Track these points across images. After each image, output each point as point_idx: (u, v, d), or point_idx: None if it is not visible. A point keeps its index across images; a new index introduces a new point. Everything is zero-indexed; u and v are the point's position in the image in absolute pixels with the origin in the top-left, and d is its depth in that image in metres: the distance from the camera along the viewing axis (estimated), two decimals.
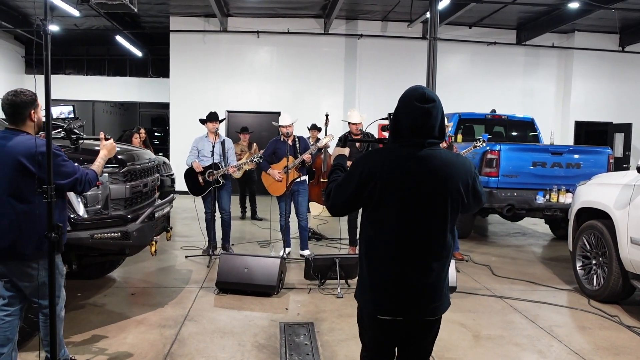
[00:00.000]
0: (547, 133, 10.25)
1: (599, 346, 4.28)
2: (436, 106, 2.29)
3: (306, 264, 5.72)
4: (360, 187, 2.29)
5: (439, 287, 2.35)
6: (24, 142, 3.06)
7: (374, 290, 2.35)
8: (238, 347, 4.08)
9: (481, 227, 10.11)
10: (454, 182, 2.29)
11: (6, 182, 3.03)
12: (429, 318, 2.36)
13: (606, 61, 14.98)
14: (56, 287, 3.06)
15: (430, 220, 2.29)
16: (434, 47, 9.33)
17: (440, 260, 2.33)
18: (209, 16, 13.95)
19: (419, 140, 2.28)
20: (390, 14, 13.78)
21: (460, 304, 5.27)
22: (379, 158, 2.32)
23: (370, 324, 2.41)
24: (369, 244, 2.39)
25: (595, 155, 8.02)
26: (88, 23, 14.83)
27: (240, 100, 14.39)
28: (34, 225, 3.03)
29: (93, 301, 5.12)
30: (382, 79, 14.47)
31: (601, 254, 5.44)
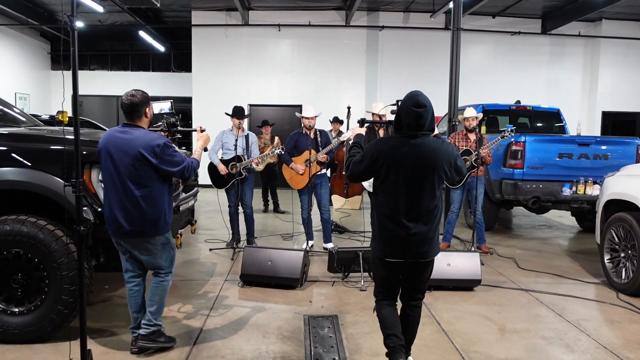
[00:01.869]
0: (573, 124, 10.08)
1: (629, 340, 4.20)
2: (427, 110, 3.14)
3: (329, 256, 5.73)
4: (371, 164, 3.21)
5: (430, 238, 3.23)
6: (143, 136, 3.54)
7: (382, 240, 3.26)
8: (262, 339, 4.10)
9: (506, 220, 10.00)
10: (440, 162, 3.17)
11: (128, 170, 3.50)
12: (422, 260, 3.25)
13: (634, 50, 14.64)
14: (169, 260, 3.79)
15: (422, 189, 3.16)
16: (458, 37, 9.19)
17: (430, 218, 3.21)
18: (230, 10, 13.99)
19: (413, 133, 3.16)
20: (412, 5, 13.66)
21: (485, 297, 5.23)
22: (385, 144, 3.25)
23: (380, 264, 3.33)
24: (377, 206, 3.30)
25: (624, 146, 7.85)
26: (112, 19, 15.02)
27: (262, 93, 14.43)
28: (152, 207, 3.57)
29: (120, 293, 5.19)
30: (404, 70, 14.38)
31: (630, 246, 5.33)
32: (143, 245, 3.65)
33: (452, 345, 4.06)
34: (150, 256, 3.70)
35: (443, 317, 4.65)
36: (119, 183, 3.52)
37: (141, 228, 3.57)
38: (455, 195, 7.01)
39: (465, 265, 5.40)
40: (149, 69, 17.49)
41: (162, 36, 16.57)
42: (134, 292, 3.81)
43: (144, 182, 3.53)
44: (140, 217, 3.54)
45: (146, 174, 3.53)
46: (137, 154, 3.47)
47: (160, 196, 3.61)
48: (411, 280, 3.36)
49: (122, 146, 3.51)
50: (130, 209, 3.52)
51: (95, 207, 3.84)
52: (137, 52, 17.39)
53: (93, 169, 3.89)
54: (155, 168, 3.53)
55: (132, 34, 16.01)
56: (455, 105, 9.26)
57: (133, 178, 3.51)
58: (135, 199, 3.51)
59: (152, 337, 3.78)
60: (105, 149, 3.57)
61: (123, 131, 3.60)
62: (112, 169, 3.53)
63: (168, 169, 3.56)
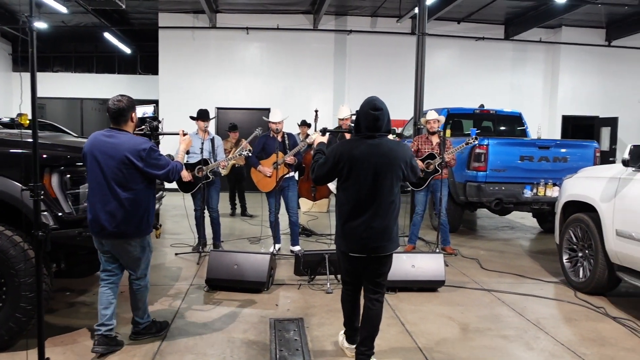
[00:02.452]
0: (534, 127, 10.32)
1: (585, 337, 4.34)
2: (383, 112, 3.42)
3: (296, 260, 5.75)
4: (334, 165, 3.45)
5: (388, 233, 3.46)
6: (129, 140, 3.66)
7: (344, 235, 3.49)
8: (227, 344, 4.09)
9: (470, 222, 10.18)
10: (397, 160, 3.43)
11: (114, 173, 3.60)
12: (381, 254, 3.48)
13: (593, 56, 15.09)
14: (146, 262, 3.94)
15: (381, 186, 3.40)
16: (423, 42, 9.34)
17: (388, 215, 3.44)
18: (198, 12, 13.88)
19: (372, 134, 3.42)
20: (380, 10, 13.79)
21: (449, 298, 5.32)
22: (346, 145, 3.48)
23: (344, 258, 3.59)
24: (341, 205, 3.53)
25: (582, 149, 8.09)
26: (76, 20, 14.72)
27: (230, 96, 14.36)
28: (136, 209, 3.69)
29: (82, 300, 5.11)
30: (372, 74, 14.50)
31: (587, 246, 5.50)
32: (123, 247, 3.77)
33: (416, 345, 4.13)
34: (129, 257, 3.83)
35: (407, 318, 4.72)
36: (105, 186, 3.62)
37: (124, 229, 3.68)
38: (420, 197, 7.13)
39: (430, 266, 5.49)
40: (115, 71, 17.20)
41: (128, 38, 16.32)
42: (106, 290, 3.91)
43: (130, 185, 3.64)
44: (124, 219, 3.65)
45: (132, 177, 3.64)
46: (124, 158, 3.59)
47: (144, 199, 3.74)
48: (371, 274, 3.57)
49: (109, 150, 3.61)
50: (114, 211, 3.63)
51: (55, 211, 3.78)
52: (102, 54, 17.08)
53: (53, 173, 3.83)
54: (141, 171, 3.65)
55: (97, 35, 15.71)
56: (421, 109, 9.40)
57: (119, 181, 3.62)
58: (120, 201, 3.62)
59: (143, 332, 4.09)
60: (90, 152, 3.66)
61: (109, 135, 3.70)
62: (97, 172, 3.62)
63: (153, 172, 3.70)
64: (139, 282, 3.98)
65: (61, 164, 3.92)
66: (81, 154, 3.76)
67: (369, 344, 3.59)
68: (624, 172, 4.95)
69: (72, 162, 3.97)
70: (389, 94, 14.05)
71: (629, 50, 15.01)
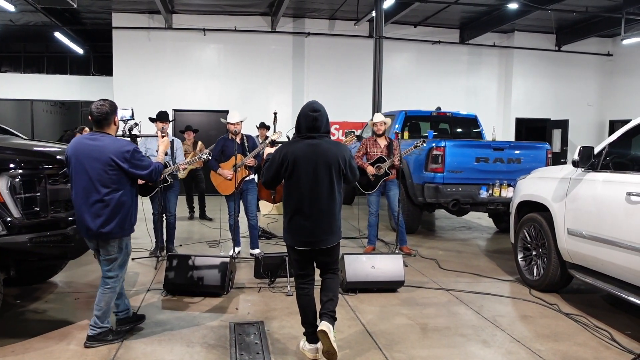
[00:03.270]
0: (489, 129, 10.58)
1: (540, 333, 4.45)
2: (321, 114, 3.71)
3: (256, 262, 5.70)
4: (280, 165, 3.71)
5: (331, 227, 3.74)
6: (113, 143, 3.82)
7: (291, 231, 3.77)
8: (186, 349, 4.01)
9: (428, 222, 10.33)
10: (335, 159, 3.70)
11: (99, 174, 3.74)
12: (325, 247, 3.76)
13: (544, 60, 15.61)
14: (121, 264, 4.02)
15: (322, 184, 3.67)
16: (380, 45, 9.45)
17: (330, 210, 3.71)
18: (153, 13, 13.64)
19: (311, 135, 3.70)
20: (337, 13, 13.88)
21: (408, 298, 5.38)
22: (288, 146, 3.76)
23: (292, 252, 3.85)
24: (286, 202, 3.78)
25: (535, 150, 8.33)
26: (25, 19, 14.21)
27: (188, 98, 14.16)
28: (120, 209, 3.83)
29: (34, 308, 4.92)
30: (330, 76, 14.57)
31: (541, 245, 5.65)
32: (104, 246, 3.91)
33: (376, 345, 4.15)
34: (106, 255, 3.95)
35: (367, 318, 4.74)
36: (90, 187, 3.75)
37: (108, 229, 3.81)
38: (372, 198, 7.21)
39: (389, 267, 5.53)
40: (67, 72, 16.71)
41: (80, 38, 15.86)
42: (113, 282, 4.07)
43: (114, 185, 3.79)
44: (108, 219, 3.79)
45: (117, 178, 3.80)
46: (109, 160, 3.74)
47: (127, 199, 3.89)
48: (322, 262, 3.90)
49: (93, 153, 3.76)
50: (99, 212, 3.76)
51: (4, 216, 3.63)
52: (53, 54, 16.57)
53: (1, 177, 3.68)
54: (126, 172, 3.81)
55: (47, 35, 15.22)
56: (379, 111, 9.48)
57: (104, 182, 3.76)
58: (104, 201, 3.76)
59: (98, 338, 4.00)
60: (74, 155, 3.80)
61: (93, 138, 3.84)
62: (82, 174, 3.76)
63: (138, 172, 3.86)
64: (110, 281, 4.01)
65: (9, 167, 3.77)
66: (64, 157, 3.90)
67: (330, 306, 3.81)
68: (574, 173, 5.11)
69: (21, 165, 3.83)
70: (347, 96, 14.35)
71: (578, 55, 15.59)
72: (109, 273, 4.00)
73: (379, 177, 7.05)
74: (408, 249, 7.30)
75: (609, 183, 4.62)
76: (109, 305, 4.05)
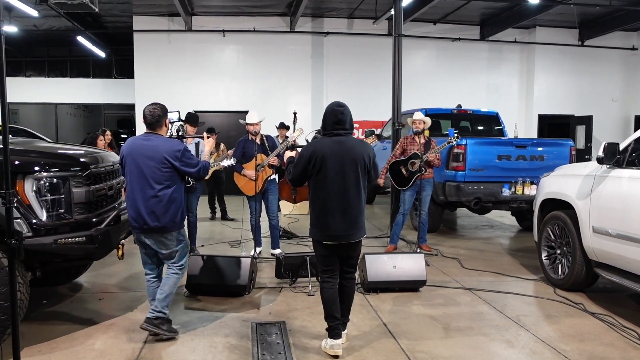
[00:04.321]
0: (511, 127, 10.45)
1: (565, 334, 4.38)
2: (346, 109, 3.90)
3: (277, 263, 5.71)
4: (308, 162, 3.83)
5: (358, 222, 3.88)
6: (165, 143, 4.11)
7: (319, 226, 3.88)
8: (209, 349, 4.04)
9: (450, 221, 10.25)
10: (361, 156, 3.86)
11: (153, 172, 4.02)
12: (352, 241, 3.90)
13: (567, 55, 15.35)
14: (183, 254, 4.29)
15: (349, 180, 3.81)
16: (399, 43, 9.37)
17: (357, 205, 3.86)
18: (173, 15, 13.75)
19: (337, 132, 3.86)
20: (356, 11, 13.83)
21: (430, 297, 5.34)
22: (315, 144, 3.96)
23: (319, 246, 3.96)
24: (314, 198, 3.91)
25: (558, 147, 8.21)
26: (48, 24, 14.46)
27: (208, 100, 14.25)
28: (172, 204, 4.08)
29: (59, 308, 5.00)
30: (349, 75, 14.54)
31: (565, 243, 5.57)
32: (162, 240, 4.13)
33: (399, 346, 4.12)
34: (167, 250, 4.17)
35: (390, 319, 4.72)
36: (145, 185, 4.01)
37: (163, 224, 4.05)
38: (407, 197, 7.14)
39: (411, 266, 5.50)
40: (89, 76, 16.95)
41: (102, 41, 16.09)
42: (151, 283, 4.34)
43: (167, 182, 4.04)
44: (163, 214, 4.04)
45: (169, 175, 4.06)
46: (162, 159, 4.01)
47: (178, 195, 4.15)
48: (344, 258, 4.00)
49: (147, 152, 4.03)
50: (154, 207, 4.00)
51: (29, 219, 3.69)
52: (76, 57, 16.82)
53: (27, 180, 3.74)
54: (177, 170, 4.08)
55: (70, 39, 15.47)
56: (399, 110, 9.42)
57: (158, 179, 4.02)
58: (158, 197, 4.01)
59: (155, 323, 4.15)
60: (129, 155, 4.09)
61: (147, 139, 4.12)
62: (137, 172, 4.03)
63: (188, 170, 4.12)
64: (174, 268, 4.26)
65: (35, 170, 3.83)
66: (120, 155, 4.18)
67: (346, 313, 4.07)
68: (599, 170, 5.03)
69: (46, 168, 3.89)
70: (366, 95, 14.28)
71: (602, 49, 15.31)
72: (174, 265, 4.25)
73: (413, 174, 7.01)
74: (428, 247, 7.25)
75: (636, 180, 4.53)
76: (172, 290, 4.25)
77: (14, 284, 2.86)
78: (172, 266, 4.25)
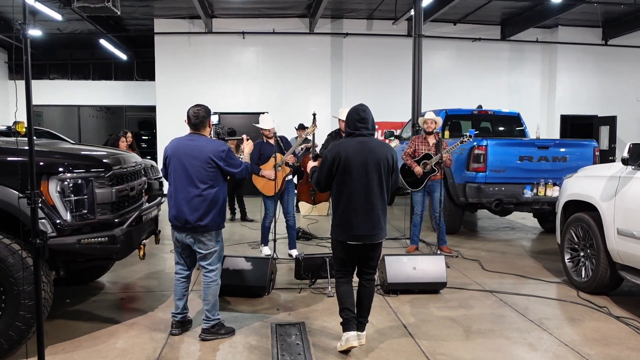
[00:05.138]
0: (533, 127, 10.32)
1: (589, 337, 4.31)
2: (368, 110, 3.97)
3: (296, 263, 5.71)
4: (332, 163, 3.85)
5: (380, 222, 3.89)
6: (210, 143, 4.21)
7: (342, 226, 3.87)
8: (229, 349, 4.06)
9: (470, 222, 10.16)
10: (384, 156, 3.87)
11: (198, 172, 4.10)
12: (375, 242, 3.90)
13: (590, 55, 15.10)
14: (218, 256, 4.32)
15: (372, 180, 3.83)
16: (419, 44, 9.33)
17: (380, 206, 3.87)
18: (193, 17, 13.87)
19: (360, 132, 3.89)
20: (375, 12, 13.80)
21: (451, 299, 5.29)
22: (339, 144, 3.93)
23: (340, 247, 3.95)
24: (337, 198, 3.91)
25: (581, 148, 8.08)
26: (71, 27, 14.69)
27: (228, 101, 14.34)
28: (215, 204, 4.16)
29: (82, 307, 5.07)
30: (369, 76, 14.51)
31: (589, 245, 5.48)
32: (201, 240, 4.19)
33: (419, 348, 4.09)
34: (206, 250, 4.21)
35: (409, 320, 4.69)
36: (189, 183, 4.11)
37: (205, 222, 4.12)
38: (417, 198, 7.12)
39: (431, 268, 5.46)
40: (111, 78, 17.16)
41: (124, 44, 16.29)
42: (180, 282, 4.37)
43: (211, 182, 4.12)
44: (205, 212, 4.11)
45: (213, 175, 4.13)
46: (208, 158, 4.09)
47: (221, 195, 4.22)
48: (365, 259, 4.00)
49: (192, 152, 4.13)
50: (197, 205, 4.09)
51: (53, 219, 3.75)
52: (98, 60, 17.05)
53: (51, 180, 3.80)
54: (222, 170, 4.16)
55: (92, 42, 15.70)
56: (419, 111, 9.39)
57: (202, 179, 4.10)
58: (202, 196, 4.09)
59: (212, 330, 4.26)
60: (174, 154, 4.20)
61: (192, 139, 4.23)
62: (182, 171, 4.13)
63: (231, 170, 4.19)
64: (211, 274, 4.27)
65: (59, 171, 3.89)
66: (164, 155, 4.30)
67: (365, 314, 4.04)
68: (624, 171, 4.94)
69: (70, 169, 3.94)
70: (386, 96, 14.23)
71: (626, 48, 15.02)
72: (210, 267, 4.26)
73: (425, 174, 6.98)
74: (448, 249, 7.20)
75: None
76: (216, 297, 4.29)
77: (38, 283, 2.91)
78: (208, 274, 4.26)
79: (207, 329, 4.25)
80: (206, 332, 4.24)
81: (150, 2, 12.84)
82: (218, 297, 4.33)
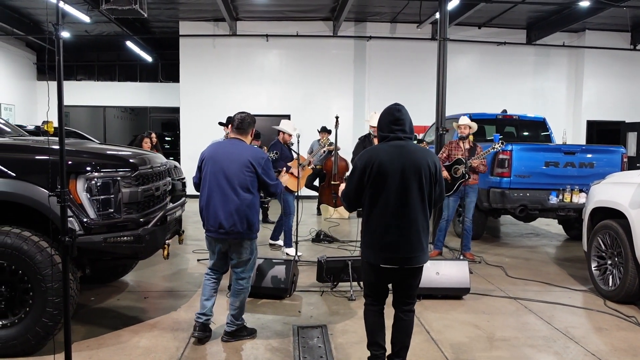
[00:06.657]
0: (559, 133, 10.16)
1: (617, 347, 4.22)
2: (404, 110, 3.37)
3: (318, 266, 5.70)
4: (362, 172, 3.25)
5: (422, 243, 3.25)
6: (250, 148, 4.19)
7: (374, 247, 3.26)
8: (251, 350, 4.07)
9: (494, 228, 10.04)
10: (425, 163, 3.25)
11: (236, 175, 4.03)
12: (415, 266, 3.27)
13: (618, 60, 14.84)
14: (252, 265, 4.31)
15: (411, 191, 3.19)
16: (444, 48, 9.26)
17: (421, 222, 3.23)
18: (218, 20, 13.99)
19: (395, 135, 3.30)
20: (399, 16, 13.75)
21: (474, 306, 5.23)
22: (372, 150, 3.35)
23: (371, 271, 3.35)
24: (368, 213, 3.29)
25: (609, 154, 7.94)
26: (98, 29, 14.95)
27: (250, 103, 14.38)
28: (251, 210, 4.08)
29: (106, 305, 5.13)
30: (392, 80, 14.45)
31: (617, 254, 5.37)
32: (236, 247, 4.15)
33: (442, 354, 4.05)
34: (239, 257, 4.18)
35: (432, 326, 4.64)
36: (226, 187, 4.03)
37: (240, 229, 4.05)
38: (450, 203, 7.05)
39: (454, 273, 5.40)
40: (136, 80, 17.39)
41: (149, 46, 16.50)
42: (210, 283, 4.32)
43: (249, 187, 4.06)
44: (241, 220, 4.03)
45: (250, 180, 4.07)
46: (247, 162, 4.04)
47: (256, 203, 4.16)
48: (402, 286, 3.40)
49: (232, 155, 4.09)
50: (232, 211, 4.01)
51: (80, 217, 3.80)
52: (124, 62, 17.29)
53: (79, 179, 3.85)
54: (258, 177, 4.09)
55: (119, 44, 15.94)
56: (443, 115, 9.31)
57: (240, 183, 4.03)
58: (238, 202, 4.02)
59: (234, 334, 4.26)
60: (212, 157, 4.14)
61: (232, 143, 4.23)
62: (220, 174, 4.06)
63: (267, 180, 4.13)
64: (242, 282, 4.25)
65: (86, 170, 3.95)
66: (201, 158, 4.23)
67: (403, 354, 3.42)
68: None
69: (97, 168, 4.00)
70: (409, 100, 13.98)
71: None
72: (242, 274, 4.24)
73: (456, 179, 6.92)
74: (471, 255, 7.12)
75: None
76: (243, 304, 4.28)
77: (66, 281, 2.95)
78: (239, 281, 4.24)
79: (230, 332, 4.25)
80: (229, 334, 4.25)
81: (175, 5, 13.00)
82: (245, 305, 4.31)
